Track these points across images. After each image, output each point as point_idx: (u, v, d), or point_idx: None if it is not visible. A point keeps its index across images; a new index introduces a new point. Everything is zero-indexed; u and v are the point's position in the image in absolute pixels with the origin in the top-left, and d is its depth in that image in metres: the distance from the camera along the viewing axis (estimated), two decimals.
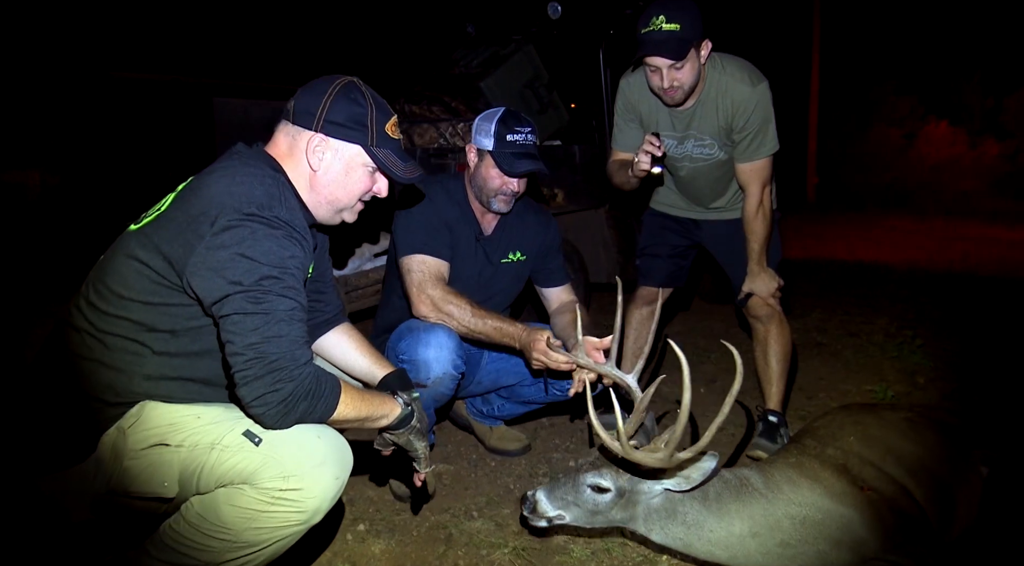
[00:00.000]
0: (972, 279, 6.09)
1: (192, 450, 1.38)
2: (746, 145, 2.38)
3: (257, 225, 1.36)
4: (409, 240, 2.20)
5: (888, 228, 10.15)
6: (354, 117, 1.54)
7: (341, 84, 1.55)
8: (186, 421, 1.41)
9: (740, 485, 1.58)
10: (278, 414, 1.33)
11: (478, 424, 2.69)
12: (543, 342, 1.98)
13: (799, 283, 5.54)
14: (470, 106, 3.97)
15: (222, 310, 1.33)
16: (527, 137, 2.21)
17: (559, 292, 2.46)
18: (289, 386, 1.33)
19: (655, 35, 2.18)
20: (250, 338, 1.31)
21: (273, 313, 1.33)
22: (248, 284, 1.32)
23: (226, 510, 1.36)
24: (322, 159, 1.55)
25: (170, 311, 1.41)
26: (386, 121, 1.58)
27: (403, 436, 1.61)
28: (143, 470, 1.40)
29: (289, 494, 1.36)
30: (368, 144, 1.56)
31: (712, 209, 2.65)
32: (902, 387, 3.29)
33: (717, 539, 1.53)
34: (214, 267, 1.33)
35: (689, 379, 1.39)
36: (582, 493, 1.57)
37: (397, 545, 2.01)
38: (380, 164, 1.58)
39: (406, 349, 2.10)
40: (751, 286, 2.51)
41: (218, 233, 1.34)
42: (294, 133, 1.55)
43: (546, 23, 4.10)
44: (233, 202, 1.37)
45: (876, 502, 1.56)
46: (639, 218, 3.00)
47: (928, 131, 15.98)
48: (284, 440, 1.38)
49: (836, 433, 1.77)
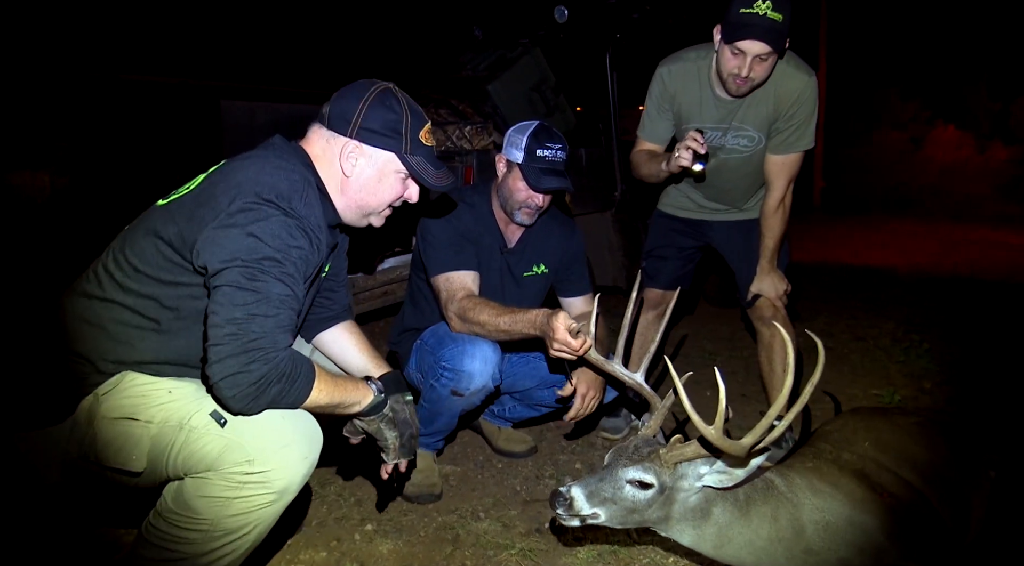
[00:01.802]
0: (979, 283, 6.07)
1: (162, 427, 1.38)
2: (786, 136, 2.34)
3: (271, 211, 1.38)
4: (435, 260, 2.22)
5: (894, 232, 10.12)
6: (389, 124, 1.55)
7: (378, 90, 1.56)
8: (157, 395, 1.41)
9: (766, 488, 1.56)
10: (247, 397, 1.30)
11: (487, 424, 2.70)
12: (563, 329, 1.83)
13: (805, 287, 5.53)
14: (477, 109, 3.98)
15: (216, 281, 1.33)
16: (557, 153, 2.22)
17: (581, 302, 2.47)
18: (264, 368, 1.30)
19: (757, 19, 2.06)
20: (235, 313, 1.30)
21: (266, 294, 1.33)
22: (248, 260, 1.33)
23: (198, 502, 1.36)
24: (355, 165, 1.56)
25: (179, 291, 1.43)
26: (420, 128, 1.59)
27: (374, 424, 1.61)
28: (113, 439, 1.40)
29: (255, 477, 1.36)
30: (402, 151, 1.57)
31: (727, 209, 2.62)
32: (909, 391, 3.29)
33: (745, 542, 1.50)
34: (220, 242, 1.34)
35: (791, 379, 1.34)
36: (621, 489, 1.47)
37: (405, 545, 2.02)
38: (413, 171, 1.59)
39: (450, 358, 2.12)
40: (760, 286, 2.50)
41: (233, 213, 1.36)
42: (328, 137, 1.57)
43: (553, 26, 4.11)
44: (255, 188, 1.39)
45: (895, 508, 1.56)
46: (645, 221, 3.00)
47: (935, 135, 15.93)
48: (248, 422, 1.36)
49: (850, 438, 1.76)
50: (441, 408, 2.20)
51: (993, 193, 13.94)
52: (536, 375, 2.41)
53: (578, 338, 1.80)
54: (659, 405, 1.63)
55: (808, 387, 1.33)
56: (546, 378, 2.40)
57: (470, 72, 4.22)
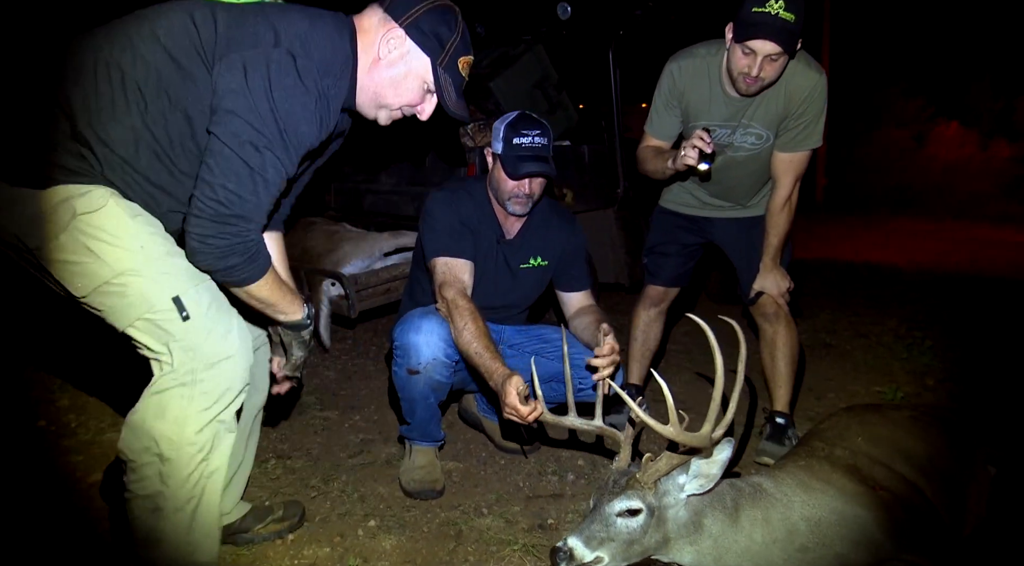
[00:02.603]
0: (981, 281, 6.07)
1: (120, 277, 1.42)
2: (796, 133, 2.33)
3: (302, 85, 1.40)
4: (433, 244, 2.24)
5: (897, 230, 10.11)
6: (438, 33, 1.59)
7: (444, 3, 1.61)
8: (128, 241, 1.42)
9: (754, 492, 1.57)
10: (211, 257, 1.41)
11: (488, 421, 2.70)
12: (513, 395, 1.82)
13: (808, 284, 5.52)
14: (480, 106, 3.98)
15: (220, 128, 1.37)
16: (534, 139, 2.21)
17: (579, 297, 2.46)
18: (234, 240, 1.41)
19: (769, 19, 2.05)
20: (227, 182, 1.37)
21: (260, 173, 1.40)
22: (258, 126, 1.37)
23: (157, 426, 1.47)
24: (391, 51, 1.58)
25: (186, 86, 1.41)
26: (462, 54, 1.63)
27: (288, 336, 1.70)
28: (70, 257, 1.40)
29: (201, 387, 1.48)
30: (437, 62, 1.60)
31: (730, 206, 2.62)
32: (911, 388, 3.29)
33: (742, 549, 1.50)
34: (244, 79, 1.36)
35: (720, 361, 1.41)
36: (613, 525, 1.46)
37: (408, 541, 2.03)
38: (438, 84, 1.61)
39: (399, 335, 2.18)
40: (762, 283, 2.50)
41: (271, 56, 1.38)
42: (382, 17, 1.59)
43: (556, 23, 4.10)
44: (302, 45, 1.43)
45: (889, 502, 1.56)
46: (647, 218, 2.99)
47: (938, 133, 15.88)
48: (202, 328, 1.47)
49: (843, 434, 1.77)
50: (410, 393, 2.21)
51: (996, 191, 13.89)
52: (527, 371, 2.40)
53: (527, 405, 1.80)
54: (622, 438, 1.61)
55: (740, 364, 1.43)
56: (543, 374, 2.40)
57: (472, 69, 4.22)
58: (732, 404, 1.42)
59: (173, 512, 1.51)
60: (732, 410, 1.42)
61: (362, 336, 4.04)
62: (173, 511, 1.51)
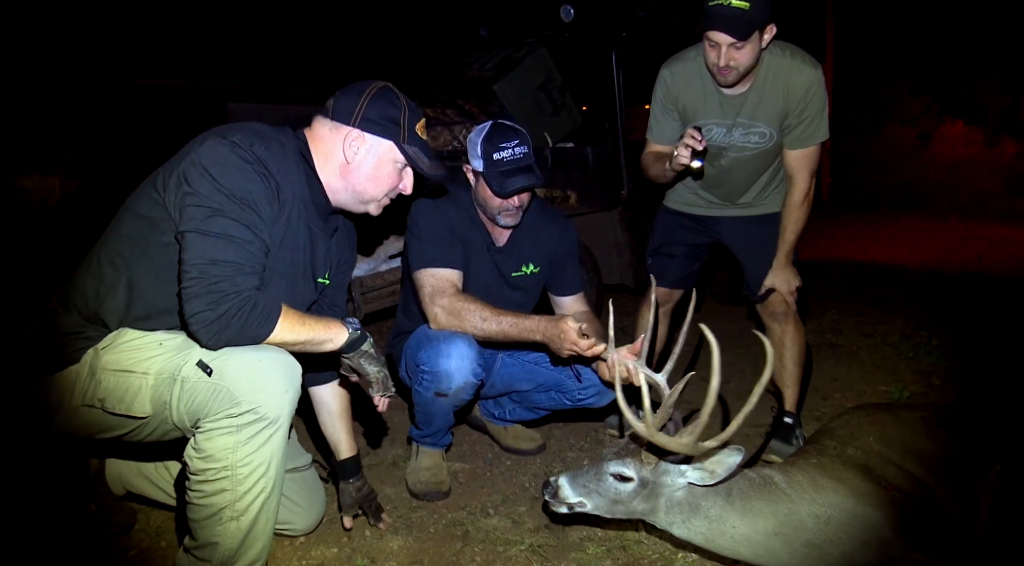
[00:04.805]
0: (988, 280, 6.04)
1: (158, 377, 1.52)
2: (801, 130, 2.34)
3: (235, 155, 1.50)
4: (420, 254, 2.18)
5: (903, 228, 10.07)
6: (388, 116, 1.69)
7: (378, 86, 1.71)
8: (150, 347, 1.55)
9: (764, 483, 1.58)
10: (211, 331, 1.45)
11: (492, 425, 2.71)
12: (573, 332, 1.93)
13: (814, 284, 5.51)
14: (483, 109, 3.99)
15: (181, 225, 1.48)
16: (515, 151, 2.13)
17: (572, 301, 2.44)
18: (224, 306, 1.44)
19: (722, 9, 2.10)
20: (198, 258, 1.45)
21: (225, 238, 1.46)
22: (210, 204, 1.47)
23: (212, 452, 1.49)
24: (357, 152, 1.70)
25: (155, 231, 1.53)
26: (417, 121, 1.73)
27: (354, 359, 1.70)
28: (115, 386, 1.54)
29: (246, 417, 1.48)
30: (400, 140, 1.71)
31: (737, 205, 2.61)
32: (918, 388, 3.28)
33: (741, 536, 1.53)
34: (185, 183, 1.48)
35: (719, 367, 1.40)
36: (604, 481, 1.58)
37: (415, 541, 2.04)
38: (409, 158, 1.72)
39: (427, 360, 2.10)
40: (773, 280, 2.49)
41: (202, 145, 1.51)
42: (331, 126, 1.70)
43: (559, 26, 4.11)
44: (224, 130, 1.57)
45: (900, 501, 1.56)
46: (652, 219, 3.00)
47: (943, 130, 15.83)
48: (231, 367, 1.49)
49: (855, 433, 1.77)
50: (432, 410, 2.19)
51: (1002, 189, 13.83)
52: (532, 379, 2.41)
53: (587, 340, 1.87)
54: (670, 402, 1.65)
55: (758, 388, 1.43)
56: (543, 382, 2.40)
57: (476, 72, 4.23)
58: (706, 416, 1.45)
59: (230, 520, 1.55)
60: (704, 422, 1.45)
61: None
62: (229, 519, 1.55)
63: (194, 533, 1.57)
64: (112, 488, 2.02)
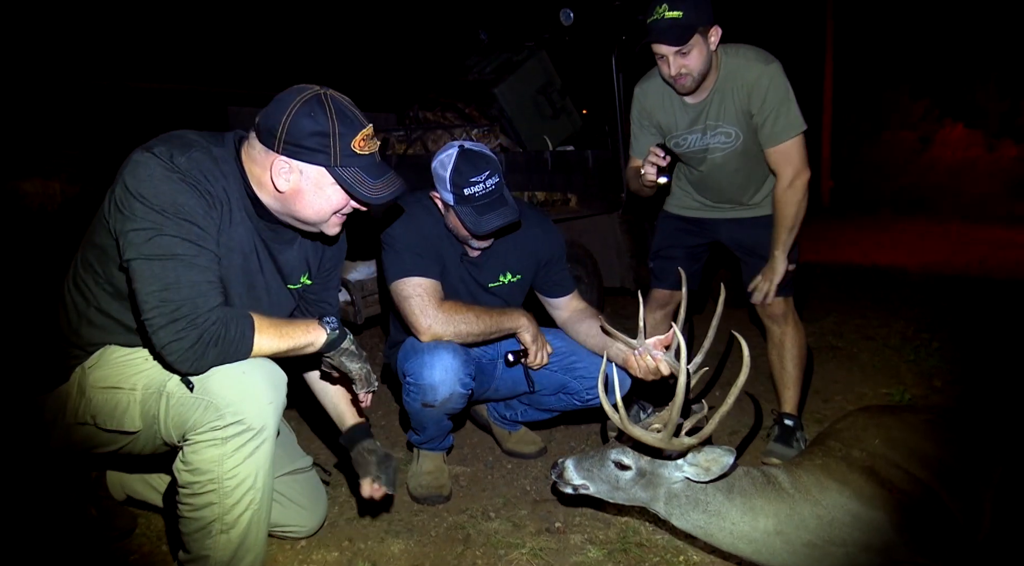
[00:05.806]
0: (989, 283, 6.04)
1: (145, 392, 1.51)
2: (769, 127, 2.35)
3: (161, 171, 1.41)
4: (399, 265, 2.11)
5: (904, 232, 10.07)
6: (314, 136, 1.47)
7: (302, 100, 1.47)
8: (136, 362, 1.54)
9: (767, 482, 1.59)
10: (189, 361, 1.40)
11: (497, 428, 2.70)
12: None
13: (814, 287, 5.52)
14: (484, 112, 4.00)
15: (124, 254, 1.41)
16: (486, 184, 2.00)
17: (568, 301, 2.39)
18: (193, 334, 1.38)
19: (658, 23, 2.21)
20: (151, 286, 1.38)
21: (171, 258, 1.39)
22: (145, 226, 1.38)
23: (200, 465, 1.47)
24: (287, 181, 1.51)
25: (105, 252, 1.50)
26: (352, 136, 1.49)
27: (336, 358, 1.65)
28: (104, 403, 1.53)
29: (231, 429, 1.46)
30: (331, 164, 1.50)
31: (733, 207, 2.62)
32: (919, 390, 3.28)
33: (741, 533, 1.54)
34: (118, 208, 1.41)
35: (686, 362, 1.48)
36: (606, 467, 1.65)
37: (416, 545, 2.03)
38: (346, 185, 1.51)
39: (412, 372, 2.08)
40: (764, 269, 2.47)
41: (128, 164, 1.43)
42: (261, 150, 1.52)
43: (559, 29, 4.13)
44: (150, 142, 1.46)
45: (905, 505, 1.56)
46: (652, 222, 3.00)
47: (944, 134, 15.86)
48: (213, 381, 1.45)
49: (860, 435, 1.76)
50: (422, 419, 2.18)
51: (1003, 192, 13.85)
52: (536, 381, 2.40)
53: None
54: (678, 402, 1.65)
55: (734, 389, 1.47)
56: (547, 385, 2.40)
57: (476, 75, 4.25)
58: (676, 413, 1.50)
59: (220, 533, 1.54)
60: (674, 419, 1.50)
61: (368, 342, 4.05)
62: (219, 532, 1.54)
63: (186, 546, 1.56)
64: (113, 493, 2.01)
